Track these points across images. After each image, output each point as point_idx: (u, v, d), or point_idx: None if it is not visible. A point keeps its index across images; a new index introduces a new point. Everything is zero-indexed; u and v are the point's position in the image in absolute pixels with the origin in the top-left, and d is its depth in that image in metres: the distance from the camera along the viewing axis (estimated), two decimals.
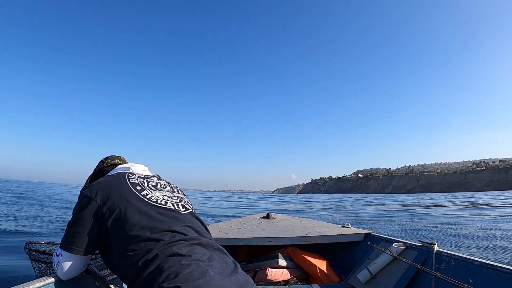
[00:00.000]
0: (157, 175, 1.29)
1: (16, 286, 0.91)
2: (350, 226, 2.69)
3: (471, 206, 16.71)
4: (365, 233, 2.37)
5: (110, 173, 1.21)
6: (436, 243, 1.66)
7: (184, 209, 1.08)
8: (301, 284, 2.12)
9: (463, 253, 1.51)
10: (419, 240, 1.81)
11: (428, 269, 1.52)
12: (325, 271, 2.15)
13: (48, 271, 1.25)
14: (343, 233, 2.36)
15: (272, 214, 3.57)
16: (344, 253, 2.47)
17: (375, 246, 2.02)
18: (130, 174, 1.14)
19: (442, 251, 1.60)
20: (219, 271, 0.84)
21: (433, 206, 17.38)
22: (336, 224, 2.97)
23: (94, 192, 0.99)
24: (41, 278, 1.02)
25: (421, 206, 17.11)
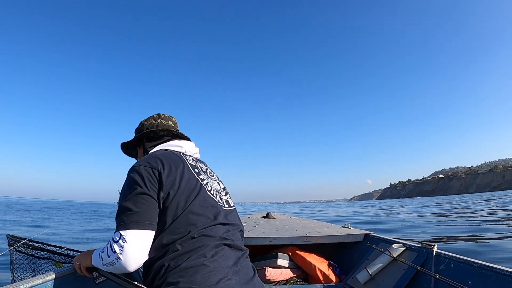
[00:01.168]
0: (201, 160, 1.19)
1: (14, 284, 0.92)
2: (350, 227, 2.69)
3: None
4: (365, 234, 2.36)
5: (164, 147, 1.12)
6: (436, 244, 1.65)
7: (227, 205, 1.03)
8: (300, 284, 2.12)
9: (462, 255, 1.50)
10: (418, 241, 1.81)
11: (427, 270, 1.52)
12: (325, 271, 2.15)
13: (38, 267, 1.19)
14: (342, 233, 2.36)
15: (272, 214, 3.57)
16: (343, 254, 2.46)
17: (375, 247, 2.02)
18: (184, 155, 1.08)
19: (441, 253, 1.60)
20: (239, 278, 0.84)
21: None
22: (336, 224, 2.97)
23: (157, 162, 0.93)
24: (40, 276, 1.02)
25: None
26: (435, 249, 1.64)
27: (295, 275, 2.23)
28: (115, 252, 0.81)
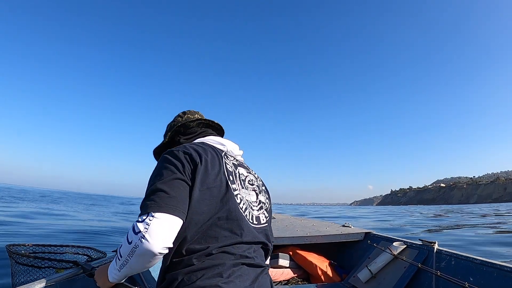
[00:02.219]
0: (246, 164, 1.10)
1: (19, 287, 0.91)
2: (350, 226, 2.69)
3: None
4: (365, 232, 2.36)
5: (203, 140, 1.05)
6: (437, 242, 1.66)
7: (257, 222, 0.94)
8: (302, 284, 2.12)
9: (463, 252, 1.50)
10: (419, 239, 1.81)
11: (428, 268, 1.52)
12: (326, 270, 2.14)
13: (37, 276, 1.15)
14: (343, 232, 2.36)
15: (272, 214, 3.56)
16: (344, 253, 2.46)
17: (376, 245, 2.02)
18: (226, 156, 0.99)
19: (442, 250, 1.60)
20: None
21: None
22: (337, 223, 2.97)
23: (196, 153, 0.86)
24: (40, 280, 1.01)
25: None
26: (436, 246, 1.64)
27: (296, 275, 2.23)
28: (138, 231, 0.70)
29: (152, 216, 0.72)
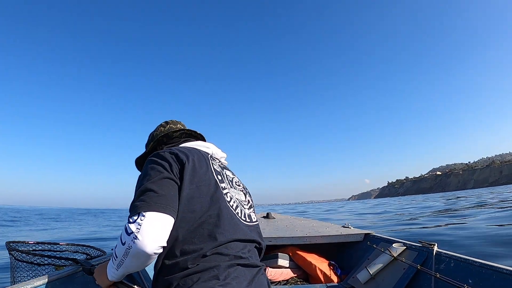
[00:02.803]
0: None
1: (14, 286, 0.92)
2: (350, 226, 2.69)
3: None
4: (365, 233, 2.36)
5: (186, 145, 1.05)
6: (436, 244, 1.65)
7: (249, 220, 0.95)
8: (301, 284, 2.12)
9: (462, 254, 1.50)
10: (419, 241, 1.81)
11: (427, 269, 1.52)
12: (325, 271, 2.14)
13: (36, 273, 1.15)
14: (343, 233, 2.36)
15: (272, 214, 3.56)
16: (344, 253, 2.46)
17: (375, 247, 2.02)
18: (211, 157, 1.01)
19: (442, 252, 1.60)
20: None
21: None
22: (336, 224, 2.97)
23: (182, 153, 0.86)
24: (40, 277, 1.01)
25: None
26: (436, 248, 1.64)
27: (295, 275, 2.23)
28: (131, 232, 0.70)
29: (143, 216, 0.71)
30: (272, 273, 2.14)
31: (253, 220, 0.98)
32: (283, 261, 2.22)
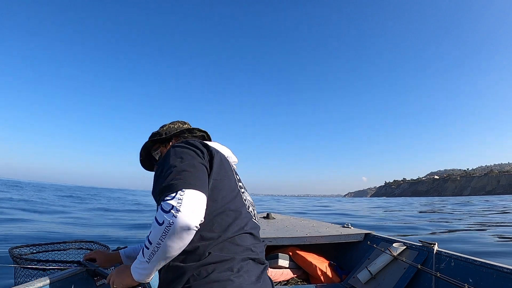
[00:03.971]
0: None
1: (16, 287, 0.91)
2: (350, 226, 2.69)
3: None
4: (365, 233, 2.36)
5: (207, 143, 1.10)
6: (437, 243, 1.66)
7: (258, 221, 1.00)
8: (301, 284, 2.12)
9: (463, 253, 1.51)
10: (419, 240, 1.81)
11: (428, 269, 1.52)
12: (325, 271, 2.15)
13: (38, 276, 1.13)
14: (343, 233, 2.36)
15: (272, 214, 3.56)
16: (344, 253, 2.47)
17: (375, 246, 2.02)
18: (228, 160, 1.04)
19: (442, 251, 1.60)
20: None
21: None
22: (337, 224, 2.97)
23: (209, 146, 0.90)
24: (41, 279, 1.01)
25: None
26: (436, 247, 1.64)
27: (296, 275, 2.23)
28: (171, 208, 0.68)
29: (183, 192, 0.71)
30: (273, 273, 2.14)
31: (259, 222, 1.02)
32: (284, 261, 2.22)
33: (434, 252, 1.63)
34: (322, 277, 2.13)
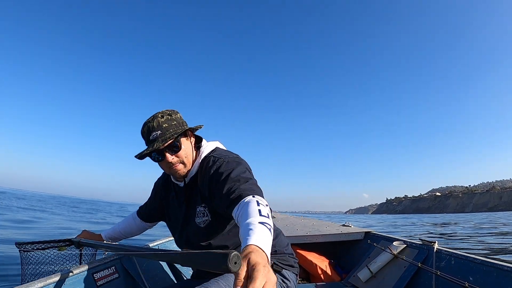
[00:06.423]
0: None
1: (17, 287, 0.92)
2: (350, 225, 2.69)
3: None
4: (365, 232, 2.37)
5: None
6: (437, 242, 1.66)
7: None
8: (302, 283, 2.12)
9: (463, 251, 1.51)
10: (419, 239, 1.81)
11: (428, 267, 1.52)
12: (326, 270, 2.15)
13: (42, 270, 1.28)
14: (343, 232, 2.36)
15: (272, 213, 3.57)
16: (344, 252, 2.47)
17: (376, 245, 2.02)
18: None
19: (442, 249, 1.60)
20: None
21: None
22: (337, 223, 2.97)
23: None
24: (41, 279, 1.02)
25: None
26: (436, 246, 1.64)
27: None
28: (266, 204, 0.92)
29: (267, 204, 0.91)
30: None
31: None
32: None
33: (434, 250, 1.63)
34: (322, 276, 2.13)
